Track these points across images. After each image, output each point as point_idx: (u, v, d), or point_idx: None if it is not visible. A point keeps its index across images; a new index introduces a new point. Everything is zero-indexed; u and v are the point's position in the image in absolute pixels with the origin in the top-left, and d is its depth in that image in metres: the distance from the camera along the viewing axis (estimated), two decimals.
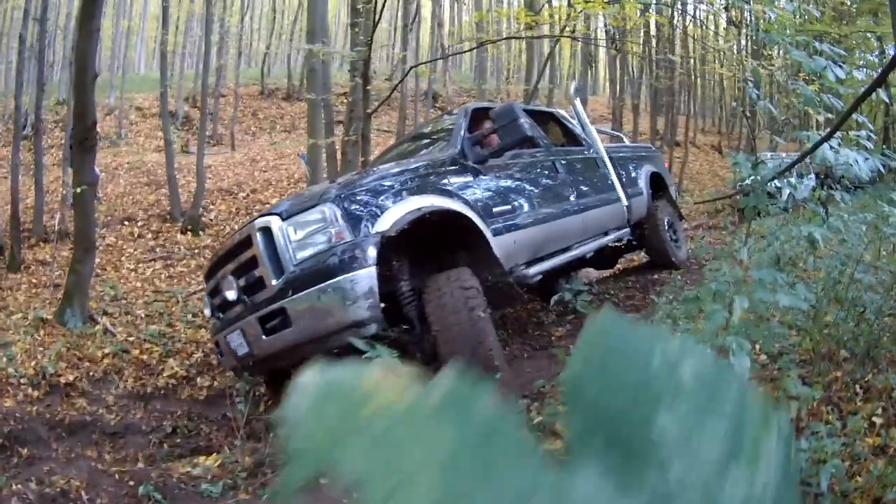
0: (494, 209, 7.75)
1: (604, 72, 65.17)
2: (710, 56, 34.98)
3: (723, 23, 38.65)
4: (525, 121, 7.98)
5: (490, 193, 7.95)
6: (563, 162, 9.97)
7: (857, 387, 4.73)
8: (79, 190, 11.37)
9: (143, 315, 12.60)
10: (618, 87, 34.72)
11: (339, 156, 15.13)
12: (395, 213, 6.49)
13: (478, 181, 7.91)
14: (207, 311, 7.79)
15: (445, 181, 7.42)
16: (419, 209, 6.64)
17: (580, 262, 10.71)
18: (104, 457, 8.27)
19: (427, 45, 42.82)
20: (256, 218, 6.80)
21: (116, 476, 6.52)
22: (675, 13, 32.83)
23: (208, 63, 21.68)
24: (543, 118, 11.35)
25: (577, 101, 12.18)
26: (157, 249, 16.59)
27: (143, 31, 56.63)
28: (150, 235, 17.42)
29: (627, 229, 11.36)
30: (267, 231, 6.42)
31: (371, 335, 5.94)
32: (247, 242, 6.66)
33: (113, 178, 22.65)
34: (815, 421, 4.13)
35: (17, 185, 16.00)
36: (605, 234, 10.64)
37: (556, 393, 6.12)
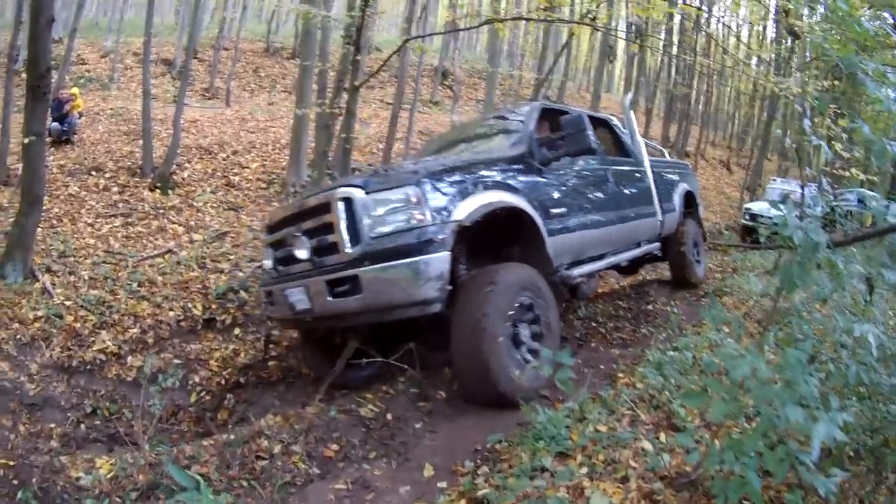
0: (551, 210, 8.33)
1: (620, 70, 64.66)
2: (730, 68, 34.03)
3: (744, 33, 37.76)
4: (591, 133, 8.69)
5: (549, 195, 8.47)
6: (613, 172, 10.53)
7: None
8: (27, 140, 10.79)
9: (86, 277, 11.70)
10: (633, 88, 33.83)
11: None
12: (470, 204, 7.06)
13: (540, 182, 8.41)
14: (269, 263, 8.21)
15: (514, 178, 7.97)
16: (491, 203, 7.27)
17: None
18: (19, 427, 8.11)
19: (443, 20, 41.66)
20: (337, 186, 7.18)
21: (1, 472, 5.89)
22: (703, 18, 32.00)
23: (198, 9, 20.34)
24: (597, 124, 11.61)
25: (631, 113, 12.58)
26: (120, 205, 15.44)
27: None
28: (115, 189, 16.23)
29: (658, 243, 12.12)
30: (348, 201, 6.87)
31: (433, 313, 6.83)
32: (325, 208, 7.09)
33: (92, 123, 21.51)
34: None
35: None
36: (638, 245, 11.37)
37: (512, 457, 5.49)
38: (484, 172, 7.63)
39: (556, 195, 8.58)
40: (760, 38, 41.94)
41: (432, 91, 38.57)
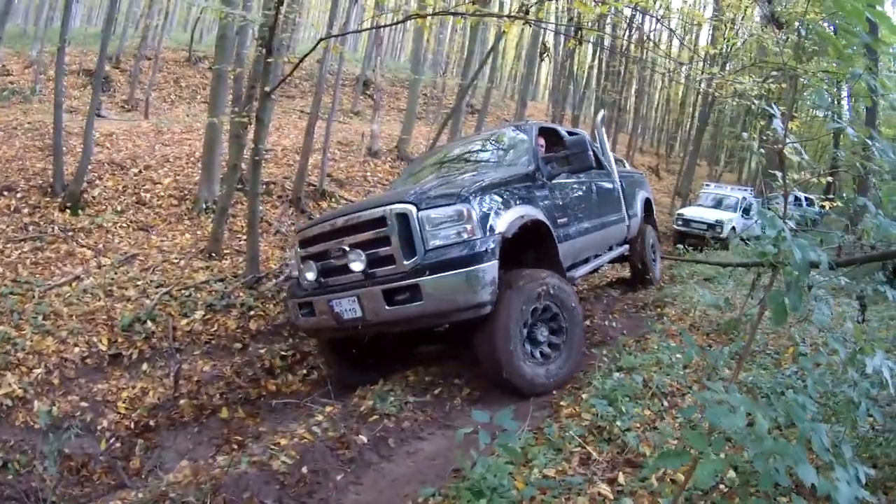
0: (558, 220, 9.42)
1: (545, 80, 64.89)
2: (666, 69, 34.22)
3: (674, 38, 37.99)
4: (591, 152, 10.01)
5: (555, 206, 9.55)
6: (595, 184, 11.84)
7: None
8: None
9: None
10: (561, 96, 33.61)
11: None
12: (507, 218, 8.01)
13: (549, 195, 9.48)
14: (311, 275, 8.57)
15: (532, 193, 9.00)
16: (522, 217, 8.29)
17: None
18: None
19: (368, 22, 41.04)
20: (388, 203, 7.89)
21: None
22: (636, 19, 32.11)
23: (112, 17, 19.24)
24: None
25: (603, 130, 14.24)
26: (31, 228, 14.43)
27: None
28: (26, 210, 15.17)
29: (626, 246, 13.62)
30: (403, 217, 7.64)
31: (485, 314, 7.51)
32: (380, 222, 7.82)
33: (9, 139, 20.37)
34: None
35: None
36: (611, 248, 12.72)
37: None
38: (512, 188, 8.60)
39: (559, 206, 9.72)
40: (694, 44, 41.97)
41: (354, 101, 38.32)
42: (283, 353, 10.98)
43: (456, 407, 7.78)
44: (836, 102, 31.85)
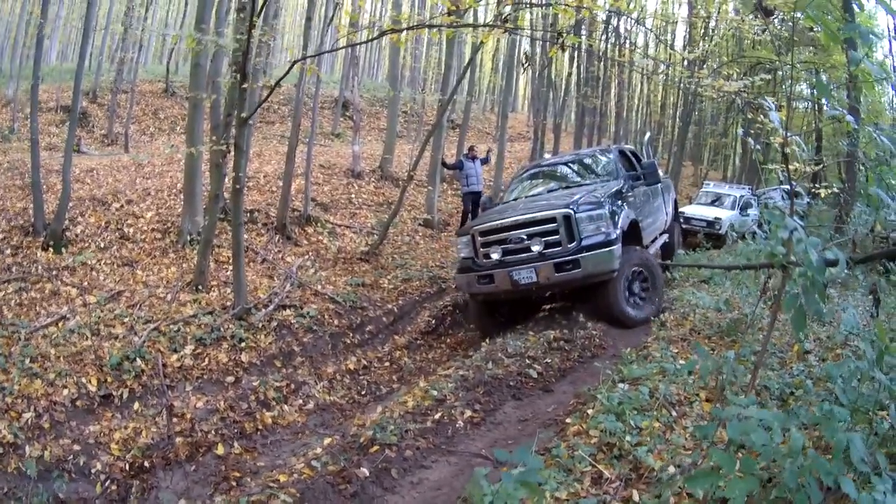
0: (639, 216, 13.34)
1: (523, 91, 64.85)
2: (647, 70, 34.38)
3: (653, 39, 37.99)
4: (660, 171, 15.79)
5: (636, 207, 13.40)
6: (650, 190, 15.39)
7: None
8: None
9: None
10: (541, 105, 33.45)
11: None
12: (624, 218, 12.12)
13: (633, 200, 13.44)
14: (496, 255, 12.34)
15: (627, 200, 12.95)
16: (628, 217, 12.36)
17: None
18: None
19: (342, 42, 40.72)
20: (557, 208, 11.96)
21: None
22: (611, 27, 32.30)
23: (85, 52, 18.92)
24: (632, 154, 16.70)
25: (650, 147, 17.98)
26: (14, 268, 14.21)
27: (57, 20, 53.68)
28: (8, 251, 14.94)
29: (666, 234, 17.48)
30: (567, 217, 11.63)
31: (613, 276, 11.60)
32: (551, 220, 11.81)
33: None
34: None
35: None
36: (659, 235, 16.66)
37: None
38: (619, 196, 12.67)
39: (637, 207, 13.58)
40: (671, 44, 41.71)
41: (334, 123, 38.25)
42: (276, 384, 10.87)
43: (458, 431, 7.55)
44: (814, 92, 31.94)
